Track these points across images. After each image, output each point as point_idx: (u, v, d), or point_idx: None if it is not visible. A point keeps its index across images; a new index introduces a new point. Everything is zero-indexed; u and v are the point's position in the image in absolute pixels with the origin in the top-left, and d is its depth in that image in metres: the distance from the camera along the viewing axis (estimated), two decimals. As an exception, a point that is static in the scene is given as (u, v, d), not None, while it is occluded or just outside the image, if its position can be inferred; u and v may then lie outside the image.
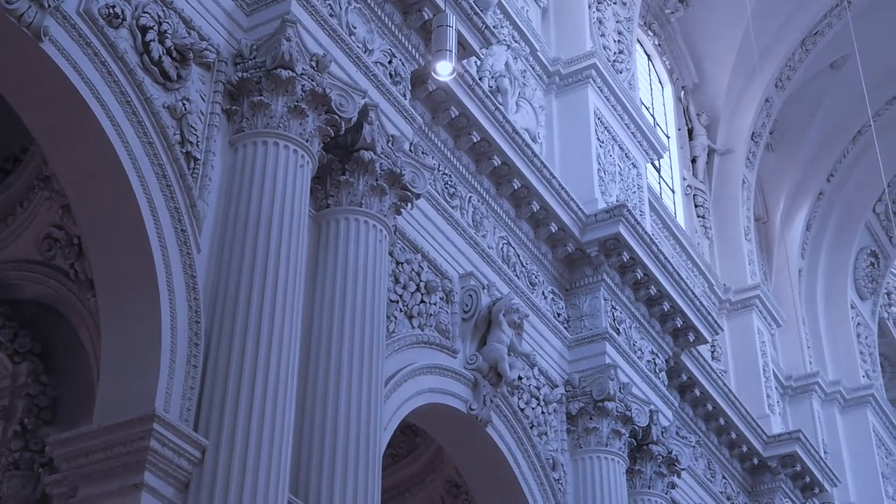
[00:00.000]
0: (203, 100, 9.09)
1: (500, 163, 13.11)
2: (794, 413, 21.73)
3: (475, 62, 14.06)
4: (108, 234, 8.35)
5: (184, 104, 8.82)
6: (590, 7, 16.58)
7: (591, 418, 13.38)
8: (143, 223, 8.22)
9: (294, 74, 9.34)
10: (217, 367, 8.19)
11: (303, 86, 9.40)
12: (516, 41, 15.25)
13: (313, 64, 9.60)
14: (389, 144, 10.34)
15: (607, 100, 15.91)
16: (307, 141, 9.40)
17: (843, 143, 23.96)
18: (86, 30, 8.14)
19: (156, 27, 8.73)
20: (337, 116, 9.74)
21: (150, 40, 8.65)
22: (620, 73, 16.78)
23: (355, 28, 10.58)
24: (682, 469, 14.75)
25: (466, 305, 12.09)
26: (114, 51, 8.31)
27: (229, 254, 8.69)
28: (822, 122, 23.39)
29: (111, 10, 8.37)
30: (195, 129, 8.88)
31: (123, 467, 7.64)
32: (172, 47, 8.84)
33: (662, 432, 14.27)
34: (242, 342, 8.26)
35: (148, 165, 8.37)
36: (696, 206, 21.56)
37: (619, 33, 17.41)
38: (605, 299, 14.20)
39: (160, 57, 8.69)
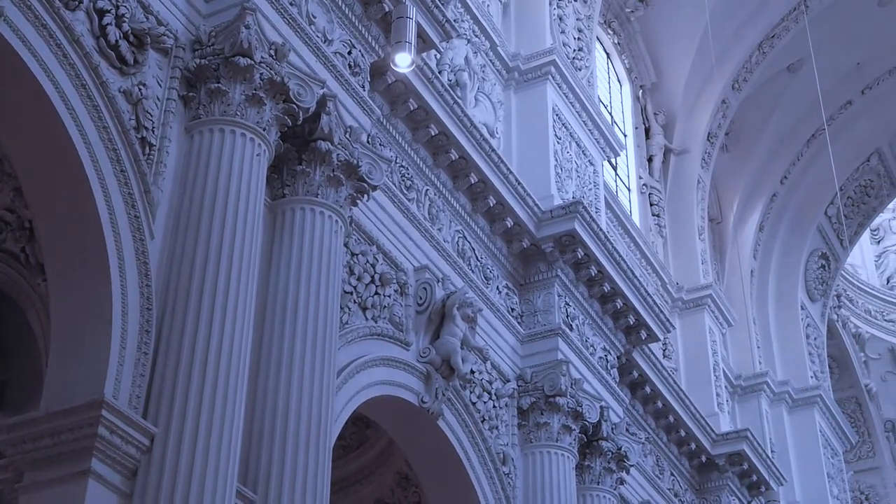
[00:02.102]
0: (160, 85, 9.02)
1: (457, 157, 13.12)
2: (743, 412, 21.93)
3: (435, 55, 14.06)
4: (59, 218, 8.27)
5: (140, 89, 8.75)
6: (550, 4, 16.62)
7: (542, 413, 13.44)
8: (96, 208, 8.14)
9: (252, 62, 9.30)
10: (168, 354, 8.14)
11: (261, 74, 9.35)
12: (477, 36, 15.26)
13: (272, 52, 9.56)
14: (347, 135, 10.32)
15: (566, 97, 15.97)
16: (264, 130, 9.36)
17: (798, 146, 24.20)
18: (42, 11, 8.05)
19: (113, 10, 8.65)
20: (295, 106, 9.71)
21: (107, 24, 8.57)
22: (579, 70, 16.85)
23: (315, 18, 10.54)
24: (631, 465, 14.85)
25: (421, 298, 12.10)
26: (70, 33, 8.22)
27: (183, 241, 8.64)
28: (777, 125, 23.61)
29: (68, -8, 8.29)
30: (151, 115, 8.81)
31: (71, 454, 7.58)
32: (129, 31, 8.76)
33: (612, 429, 14.36)
34: (194, 330, 8.22)
35: (102, 150, 8.29)
36: (651, 204, 21.69)
37: (580, 31, 17.47)
38: (558, 295, 14.26)
39: (117, 41, 8.60)
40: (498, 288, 13.87)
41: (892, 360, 30.31)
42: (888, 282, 32.26)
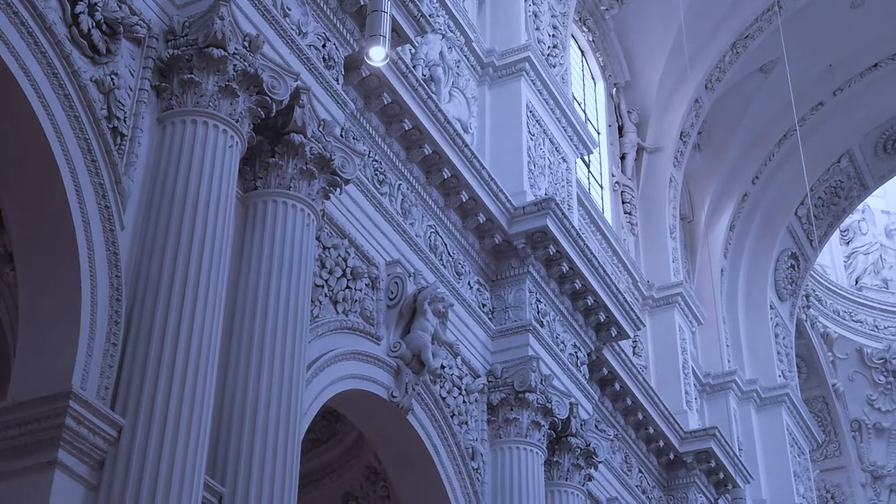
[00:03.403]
0: (132, 75, 8.97)
1: (430, 151, 13.12)
2: (711, 410, 22.06)
3: (409, 50, 14.06)
4: (29, 207, 8.21)
5: (112, 79, 8.70)
6: (526, 0, 16.64)
7: (511, 409, 13.47)
8: (67, 198, 8.09)
9: (226, 54, 9.26)
10: (137, 345, 8.10)
11: (234, 65, 9.32)
12: (452, 31, 15.26)
13: (246, 44, 9.53)
14: (320, 128, 10.30)
15: (540, 93, 15.99)
16: (237, 121, 9.33)
17: (769, 147, 24.33)
18: (13, -2, 8.00)
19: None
20: (268, 98, 9.68)
21: (80, 12, 8.52)
22: (554, 67, 16.88)
23: (290, 10, 10.51)
24: (600, 462, 14.91)
25: (392, 293, 12.10)
26: (42, 21, 8.16)
27: (154, 232, 8.60)
28: (749, 125, 23.73)
29: (40, -20, 8.23)
30: (123, 105, 8.76)
31: (37, 444, 7.53)
32: (102, 20, 8.70)
33: (581, 425, 14.41)
34: (164, 321, 8.18)
35: (73, 139, 8.24)
36: (623, 202, 21.76)
37: (554, 28, 17.50)
38: (530, 291, 14.29)
39: (89, 30, 8.55)
40: (469, 283, 13.89)
41: (859, 360, 30.56)
42: (856, 282, 32.52)
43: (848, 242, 33.37)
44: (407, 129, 12.78)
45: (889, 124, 25.61)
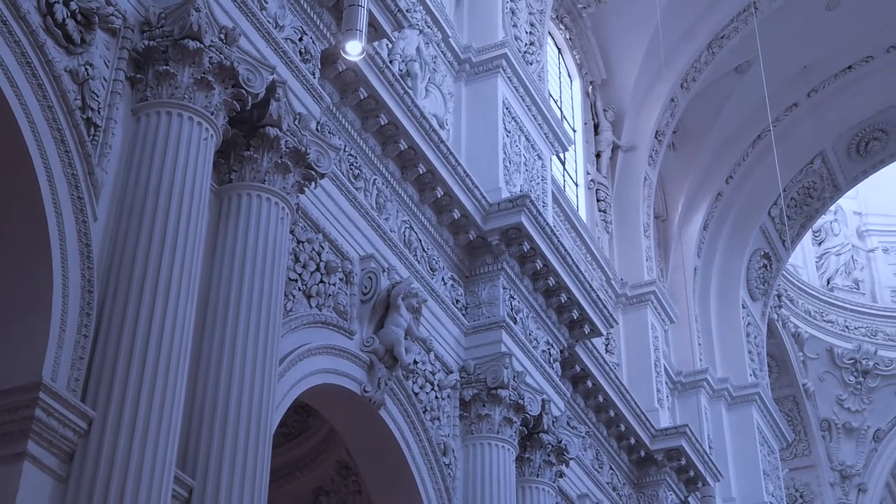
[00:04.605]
0: (107, 66, 8.92)
1: (406, 147, 13.12)
2: (682, 408, 22.15)
3: (386, 45, 14.04)
4: (1, 197, 8.15)
5: (86, 69, 8.64)
6: (503, -3, 16.66)
7: (483, 405, 13.49)
8: (39, 188, 8.03)
9: (202, 46, 9.22)
10: (108, 338, 8.06)
11: (210, 58, 9.28)
12: (429, 26, 15.26)
13: (222, 36, 9.49)
14: (296, 122, 10.28)
15: (516, 90, 16.01)
16: (212, 114, 9.30)
17: (743, 147, 24.45)
18: (-13, -13, 7.94)
19: (61, -11, 8.54)
20: (244, 91, 9.64)
21: (55, 2, 8.45)
22: (530, 64, 16.90)
23: (267, 3, 10.48)
24: (571, 458, 14.96)
25: (366, 287, 12.09)
26: (16, 10, 8.09)
27: (127, 224, 8.56)
28: (723, 125, 23.84)
29: (15, -31, 8.16)
30: (97, 96, 8.71)
31: (7, 436, 7.48)
32: (77, 10, 8.64)
33: (553, 422, 14.45)
34: (136, 314, 8.15)
35: (46, 130, 8.18)
36: (598, 200, 21.82)
37: (532, 25, 17.52)
38: (503, 288, 14.32)
39: (64, 19, 8.49)
40: (443, 279, 13.90)
41: (829, 360, 30.78)
42: (828, 283, 32.74)
43: (820, 243, 33.60)
44: (383, 124, 12.77)
45: (862, 126, 25.80)
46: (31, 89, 8.11)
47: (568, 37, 21.88)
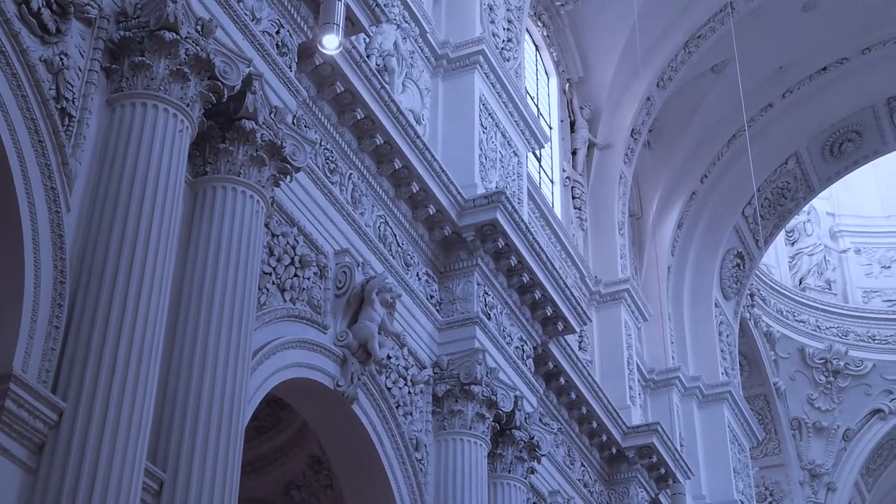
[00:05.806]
0: (82, 56, 8.86)
1: (382, 141, 13.11)
2: (654, 406, 22.25)
3: (364, 39, 14.02)
4: (-27, 186, 8.11)
5: (61, 59, 8.59)
6: (482, -7, 16.67)
7: (456, 401, 13.51)
8: (12, 178, 7.97)
9: (178, 37, 9.18)
10: (80, 329, 8.02)
11: (186, 49, 9.24)
12: (406, 21, 15.24)
13: (198, 28, 9.45)
14: (272, 115, 10.25)
15: (493, 87, 16.02)
16: (188, 106, 9.26)
17: (718, 146, 24.57)
18: (-38, -26, 7.87)
19: (37, -22, 8.48)
20: (220, 83, 9.61)
21: (30, -9, 8.41)
22: (508, 61, 16.92)
23: (244, -5, 10.44)
24: (543, 455, 14.99)
25: (340, 282, 12.08)
26: (-10, -1, 8.05)
27: (100, 215, 8.52)
28: (699, 124, 23.95)
29: (-10, -43, 8.10)
30: (72, 86, 8.66)
31: (-24, 426, 7.45)
32: (53, 0, 8.59)
33: (526, 418, 14.48)
34: (108, 305, 8.11)
35: (20, 119, 8.12)
36: (573, 197, 21.87)
37: (509, 21, 17.53)
38: (478, 284, 14.33)
39: (39, 9, 8.42)
40: (418, 274, 13.90)
41: (800, 359, 30.98)
42: (800, 283, 32.94)
43: (793, 243, 33.80)
44: (359, 118, 12.76)
45: (836, 127, 25.97)
46: (4, 78, 8.06)
47: (545, 34, 21.91)
